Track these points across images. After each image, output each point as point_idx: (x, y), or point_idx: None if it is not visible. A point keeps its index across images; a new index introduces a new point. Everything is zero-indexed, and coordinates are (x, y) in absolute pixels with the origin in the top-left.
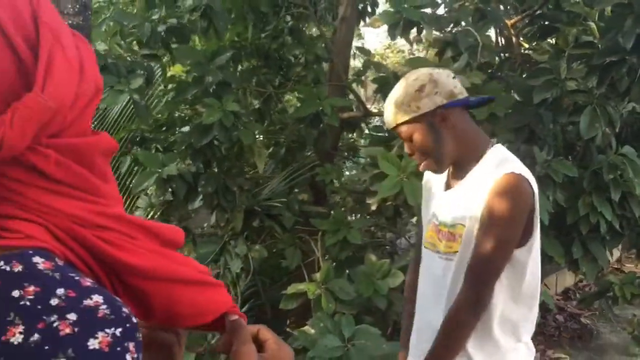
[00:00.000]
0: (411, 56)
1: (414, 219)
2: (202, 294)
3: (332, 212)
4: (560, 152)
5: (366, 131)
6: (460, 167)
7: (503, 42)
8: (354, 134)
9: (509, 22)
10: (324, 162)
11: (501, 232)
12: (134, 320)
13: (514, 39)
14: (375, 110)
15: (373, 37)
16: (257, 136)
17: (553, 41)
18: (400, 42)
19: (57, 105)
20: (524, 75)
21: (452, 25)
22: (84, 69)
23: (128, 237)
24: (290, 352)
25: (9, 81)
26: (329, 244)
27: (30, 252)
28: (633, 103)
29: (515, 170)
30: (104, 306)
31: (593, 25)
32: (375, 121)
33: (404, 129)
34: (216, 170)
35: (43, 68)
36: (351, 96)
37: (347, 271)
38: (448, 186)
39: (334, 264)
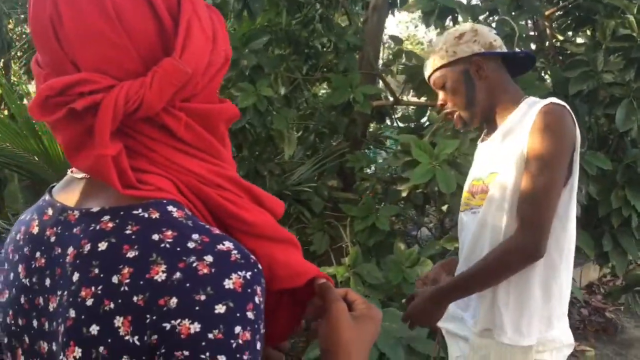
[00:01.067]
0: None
1: (445, 207)
2: (295, 255)
3: (361, 198)
4: (594, 145)
5: (395, 122)
6: (491, 122)
7: (536, 33)
8: (383, 123)
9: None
10: (353, 149)
11: (552, 168)
12: (260, 266)
13: (548, 30)
14: (405, 99)
15: (393, 28)
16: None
17: (587, 33)
18: (420, 33)
19: (192, 71)
20: (559, 67)
21: (487, 14)
22: (216, 39)
23: (239, 198)
24: (379, 312)
25: (151, 46)
26: (358, 230)
27: (165, 201)
28: None
29: (555, 101)
30: (235, 251)
31: (632, 18)
32: (405, 111)
33: (438, 75)
34: (247, 154)
35: (182, 36)
36: (381, 85)
37: (376, 258)
38: (483, 140)
39: (363, 249)
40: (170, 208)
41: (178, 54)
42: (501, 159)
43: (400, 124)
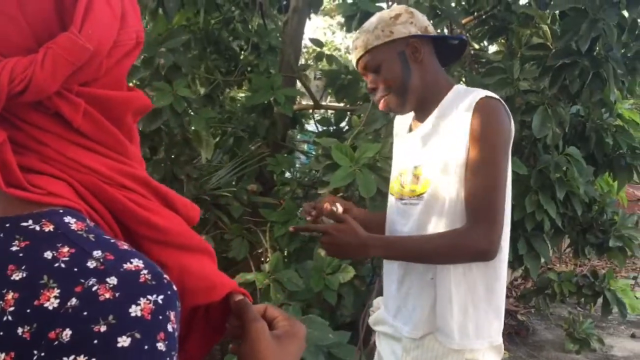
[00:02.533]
0: (348, 53)
1: None
2: (210, 266)
3: (281, 203)
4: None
5: (315, 126)
6: (423, 109)
7: None
8: (302, 128)
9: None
10: (273, 153)
11: (498, 163)
12: (174, 287)
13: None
14: (324, 103)
15: (310, 34)
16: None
17: (502, 42)
18: (338, 39)
19: (93, 48)
20: (476, 75)
21: None
22: (125, 17)
23: (148, 201)
24: (302, 327)
25: (45, 18)
26: (277, 235)
27: (61, 211)
28: (577, 106)
29: (489, 94)
30: (145, 271)
31: (546, 27)
32: (325, 114)
33: (372, 57)
34: (163, 157)
35: (83, 7)
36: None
37: (296, 265)
38: (410, 130)
39: (283, 255)
40: (67, 219)
41: (77, 28)
42: (437, 151)
43: (320, 128)
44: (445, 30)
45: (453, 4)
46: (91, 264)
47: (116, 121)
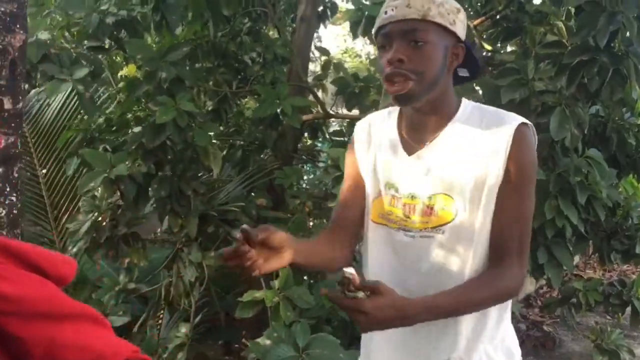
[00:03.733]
0: (369, 59)
1: None
2: (95, 332)
3: (291, 216)
4: None
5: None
6: (426, 123)
7: None
8: (315, 138)
9: (470, 23)
10: (282, 165)
11: (531, 195)
12: None
13: (476, 40)
14: (333, 113)
15: (330, 42)
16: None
17: (516, 43)
18: (358, 46)
19: None
20: (489, 77)
21: None
22: None
23: None
24: None
25: None
26: None
27: None
28: (597, 105)
29: (524, 121)
30: None
31: (560, 24)
32: (341, 124)
33: (424, 28)
34: (169, 173)
35: None
36: (311, 98)
37: (307, 280)
38: (409, 149)
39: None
40: None
41: None
42: (464, 177)
43: (334, 138)
44: None
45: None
46: None
47: None
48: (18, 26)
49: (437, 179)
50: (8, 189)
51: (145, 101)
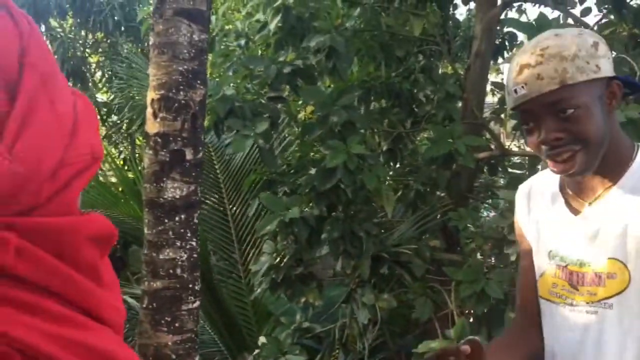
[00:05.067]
0: None
1: None
2: None
3: (466, 260)
4: None
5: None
6: (595, 177)
7: None
8: (495, 175)
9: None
10: (457, 206)
11: None
12: None
13: None
14: (514, 149)
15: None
16: (387, 179)
17: None
18: None
19: (27, 171)
20: None
21: None
22: (77, 132)
23: None
24: None
25: None
26: (464, 296)
27: None
28: None
29: None
30: None
31: None
32: (515, 160)
33: (569, 95)
34: (342, 214)
35: (18, 119)
36: (488, 135)
37: (487, 330)
38: (574, 208)
39: (471, 318)
40: None
41: (6, 146)
42: (634, 243)
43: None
44: None
45: None
46: None
47: (68, 257)
48: (199, 82)
49: (606, 243)
50: (189, 234)
51: (318, 144)
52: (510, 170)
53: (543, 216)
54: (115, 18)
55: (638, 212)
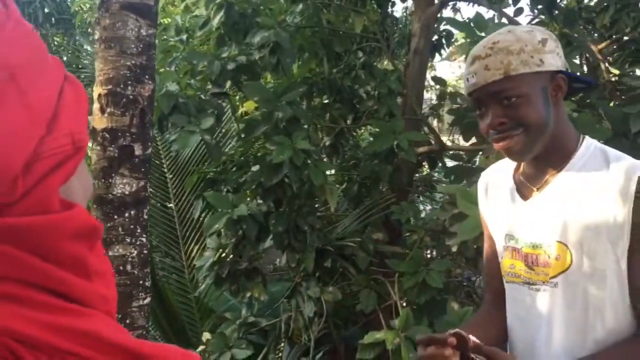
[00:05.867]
0: None
1: None
2: None
3: (408, 252)
4: None
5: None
6: (542, 165)
7: (586, 69)
8: (434, 169)
9: (595, 48)
10: (398, 199)
11: None
12: None
13: (602, 66)
14: (451, 144)
15: (445, 69)
16: (330, 173)
17: None
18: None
19: None
20: (617, 104)
21: None
22: (57, 121)
23: None
24: None
25: None
26: (407, 287)
27: None
28: None
29: None
30: None
31: None
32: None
33: (512, 85)
34: (287, 209)
35: None
36: (426, 129)
37: (428, 319)
38: (524, 194)
39: (413, 307)
40: None
41: None
42: (580, 225)
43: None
44: (578, 60)
45: (587, 31)
46: None
47: (50, 253)
48: (147, 77)
49: (553, 227)
50: (139, 230)
51: (263, 140)
52: (449, 163)
53: (499, 203)
54: (46, 10)
55: (576, 198)
